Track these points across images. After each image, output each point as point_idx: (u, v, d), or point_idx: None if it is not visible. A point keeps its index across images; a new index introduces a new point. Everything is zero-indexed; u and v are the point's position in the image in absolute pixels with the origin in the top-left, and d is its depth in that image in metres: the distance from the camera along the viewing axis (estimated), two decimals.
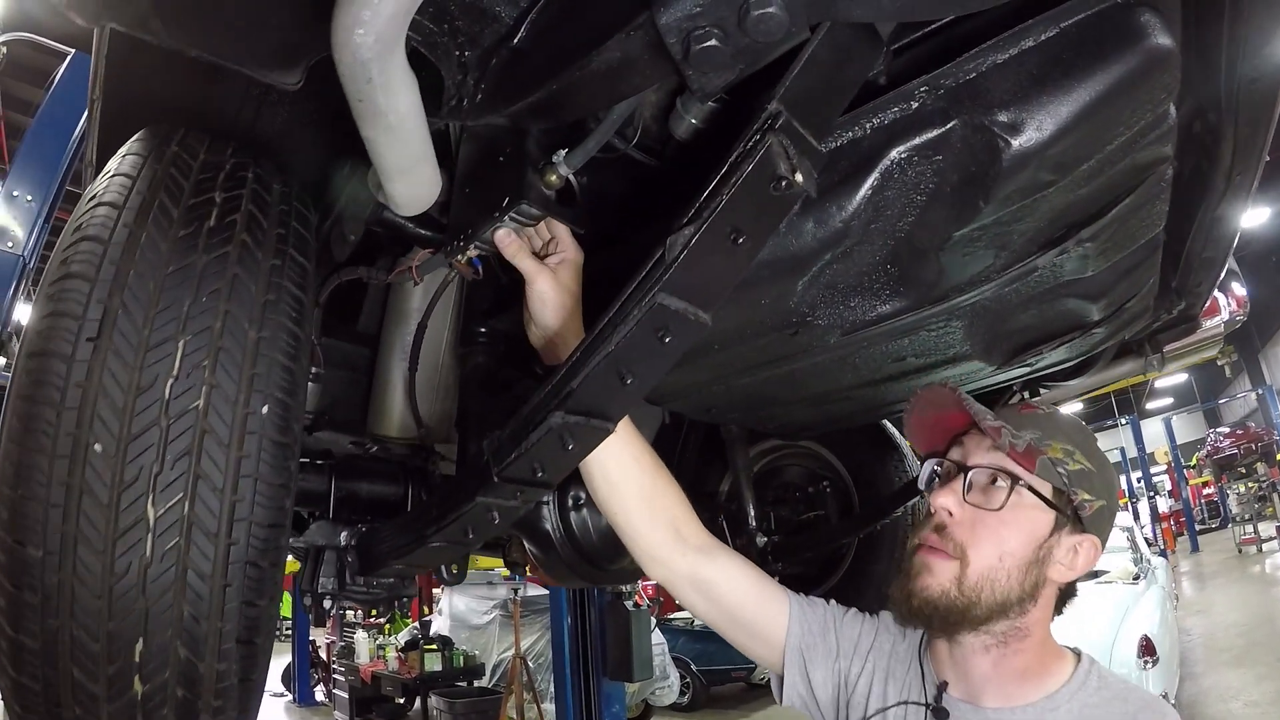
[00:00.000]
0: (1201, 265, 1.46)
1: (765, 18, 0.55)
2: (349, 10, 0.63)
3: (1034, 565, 0.99)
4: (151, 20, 0.74)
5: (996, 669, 1.03)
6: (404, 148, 0.82)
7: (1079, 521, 1.00)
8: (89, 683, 0.78)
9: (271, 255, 0.90)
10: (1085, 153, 0.87)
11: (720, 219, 0.69)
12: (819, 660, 1.14)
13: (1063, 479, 0.98)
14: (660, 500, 1.12)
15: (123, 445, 0.76)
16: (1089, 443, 1.04)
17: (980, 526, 1.00)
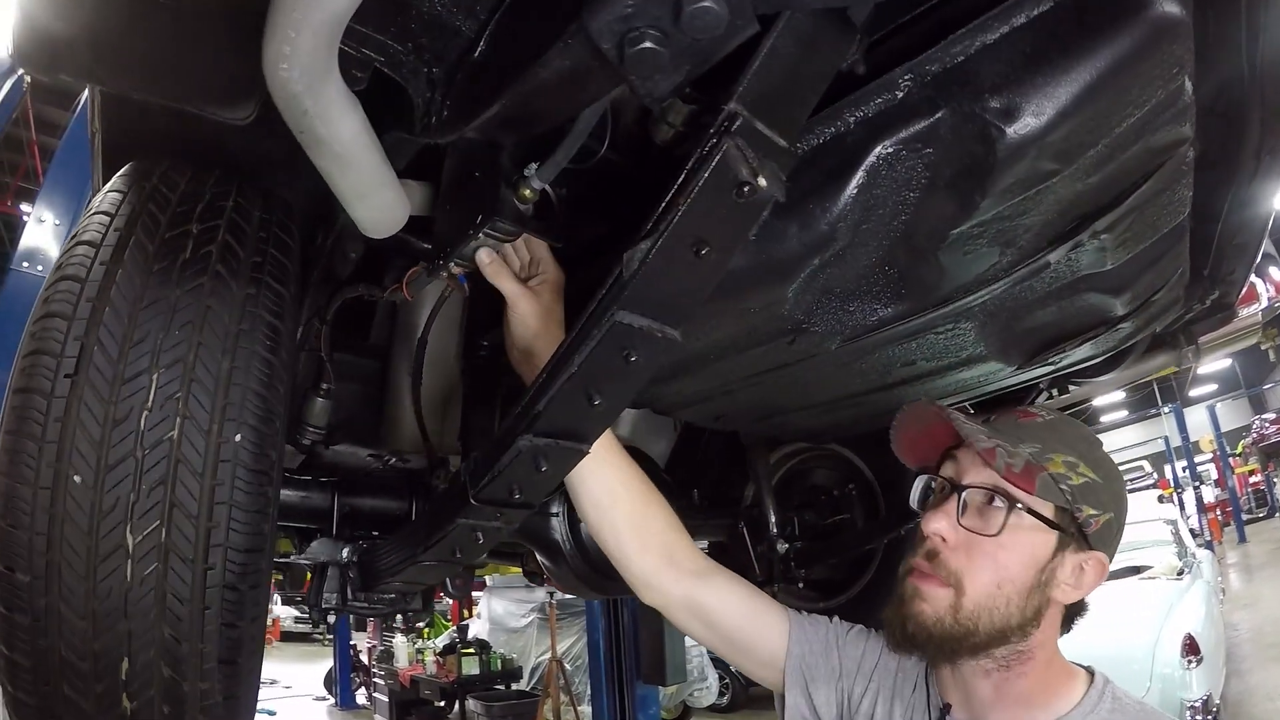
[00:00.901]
0: (1234, 251, 1.39)
1: (702, 12, 0.52)
2: (270, 46, 0.63)
3: (1035, 590, 0.94)
4: (96, 69, 0.77)
5: (999, 693, 0.98)
6: (355, 175, 0.81)
7: (1084, 539, 0.94)
8: (80, 700, 0.81)
9: (246, 285, 0.91)
10: (1091, 138, 0.80)
11: (679, 230, 0.66)
12: (821, 680, 1.11)
13: (1065, 496, 0.92)
14: (651, 525, 1.11)
15: (100, 475, 0.78)
16: (1094, 451, 0.97)
17: (977, 552, 0.94)
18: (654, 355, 0.73)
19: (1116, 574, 7.38)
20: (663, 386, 1.32)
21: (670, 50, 0.54)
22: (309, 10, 0.58)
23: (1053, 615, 0.97)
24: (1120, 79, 0.74)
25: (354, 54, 0.79)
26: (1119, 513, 0.96)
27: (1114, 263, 1.07)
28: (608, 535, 1.09)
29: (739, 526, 2.26)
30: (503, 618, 9.61)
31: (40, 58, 0.72)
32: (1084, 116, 0.76)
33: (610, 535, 1.09)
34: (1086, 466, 0.94)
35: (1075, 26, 0.73)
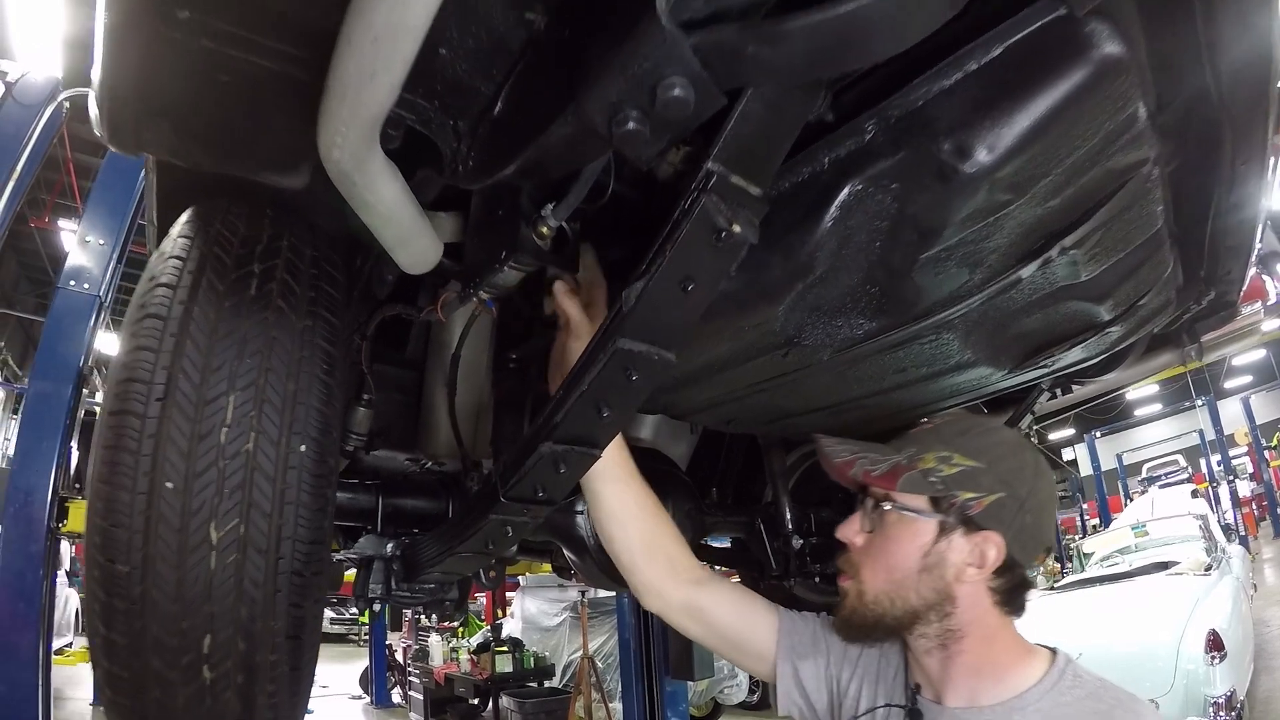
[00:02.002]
0: (1228, 253, 1.45)
1: (673, 100, 0.63)
2: (323, 136, 0.76)
3: (925, 573, 1.06)
4: (179, 149, 0.89)
5: (945, 669, 1.10)
6: (396, 228, 0.95)
7: (970, 521, 1.05)
8: (167, 671, 0.94)
9: (304, 317, 1.05)
10: (1042, 169, 0.88)
11: (668, 271, 0.78)
12: (810, 669, 1.24)
13: (935, 486, 1.04)
14: (658, 540, 1.25)
15: (189, 482, 0.92)
16: (976, 442, 1.09)
17: (871, 548, 1.10)
18: (652, 374, 0.86)
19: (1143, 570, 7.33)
20: (676, 395, 1.44)
21: (650, 126, 0.65)
22: (356, 110, 0.70)
23: (970, 594, 1.07)
24: (1065, 117, 0.81)
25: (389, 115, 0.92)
26: (1014, 490, 1.06)
27: (1088, 274, 1.14)
28: (621, 549, 1.24)
29: (756, 523, 2.37)
30: (536, 617, 9.76)
31: (128, 137, 0.85)
32: (1033, 152, 0.83)
33: (623, 549, 1.24)
34: (963, 456, 1.06)
35: (1021, 71, 0.80)
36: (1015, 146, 0.82)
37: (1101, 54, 0.78)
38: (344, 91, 0.69)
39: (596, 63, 0.66)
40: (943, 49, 0.83)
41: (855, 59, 0.64)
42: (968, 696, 1.08)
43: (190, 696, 0.96)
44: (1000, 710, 1.05)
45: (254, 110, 0.86)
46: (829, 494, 2.53)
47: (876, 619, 1.09)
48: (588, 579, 2.02)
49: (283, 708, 1.03)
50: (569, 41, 0.78)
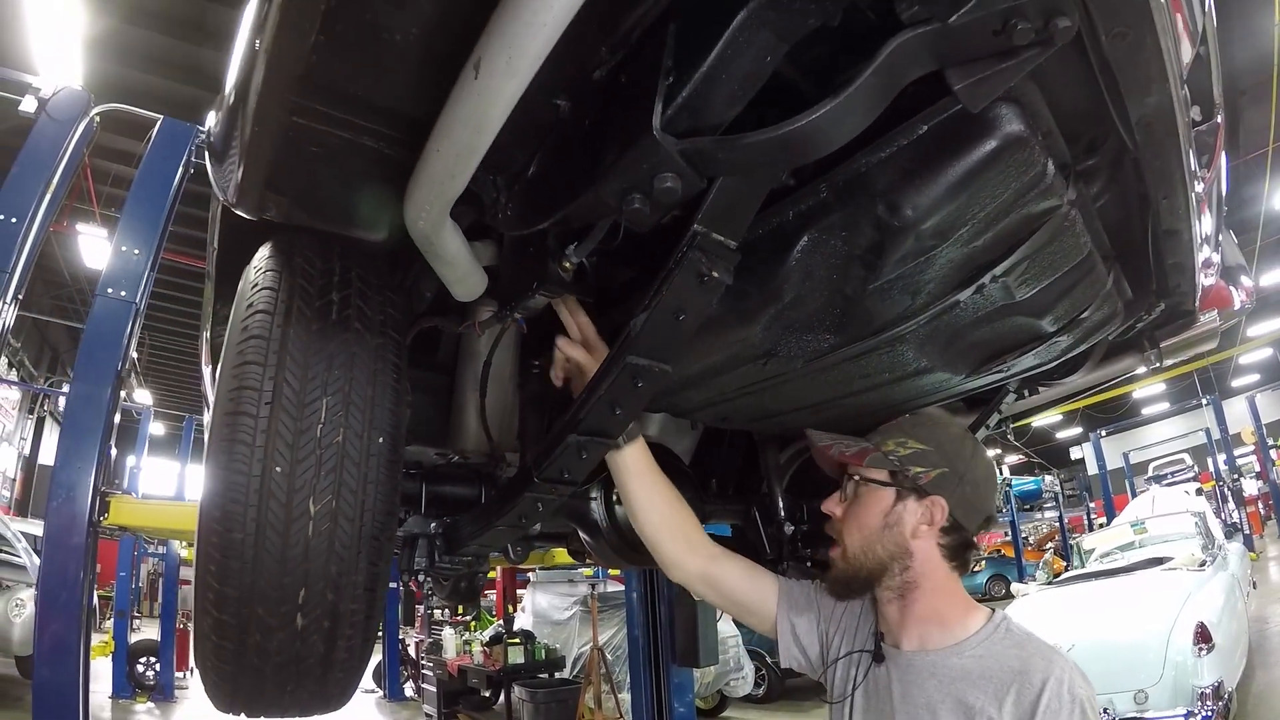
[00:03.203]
0: (1173, 270, 1.60)
1: (666, 189, 0.88)
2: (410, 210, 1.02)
3: (887, 530, 1.34)
4: (295, 213, 1.14)
5: (903, 615, 1.36)
6: (456, 271, 1.21)
7: (920, 489, 1.33)
8: (268, 618, 1.17)
9: (377, 335, 1.29)
10: (960, 220, 1.06)
11: (664, 305, 1.04)
12: (805, 625, 1.51)
13: (893, 462, 1.33)
14: (676, 520, 1.52)
15: (293, 466, 1.16)
16: (924, 432, 1.40)
17: (847, 516, 1.39)
18: (654, 382, 1.11)
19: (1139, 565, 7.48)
20: (677, 397, 1.69)
21: (649, 206, 0.91)
22: (438, 196, 0.97)
23: (924, 549, 1.34)
24: (974, 181, 0.99)
25: None
26: (954, 466, 1.35)
27: (1023, 295, 1.32)
28: (649, 532, 1.51)
29: (752, 512, 2.60)
30: (547, 610, 9.98)
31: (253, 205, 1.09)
32: (951, 208, 1.03)
33: (651, 532, 1.51)
34: (915, 441, 1.37)
35: (939, 146, 0.97)
36: (934, 204, 1.03)
37: (1004, 132, 0.97)
38: (430, 184, 0.95)
39: (610, 161, 0.91)
40: (881, 129, 1.01)
41: (799, 158, 0.88)
42: (919, 641, 1.34)
43: (284, 640, 1.19)
44: (943, 653, 1.30)
45: (353, 181, 1.11)
46: (820, 487, 2.75)
47: (855, 572, 1.36)
48: (601, 558, 2.25)
49: (356, 650, 1.27)
50: (588, 126, 1.03)
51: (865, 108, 0.84)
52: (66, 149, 5.60)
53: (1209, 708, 5.05)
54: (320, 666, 1.24)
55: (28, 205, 5.24)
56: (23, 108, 5.78)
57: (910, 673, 1.32)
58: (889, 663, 1.38)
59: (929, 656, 1.31)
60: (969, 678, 1.25)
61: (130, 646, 10.70)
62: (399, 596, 11.80)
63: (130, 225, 5.10)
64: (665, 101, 0.86)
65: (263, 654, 1.20)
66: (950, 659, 1.28)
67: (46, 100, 5.75)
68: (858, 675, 1.42)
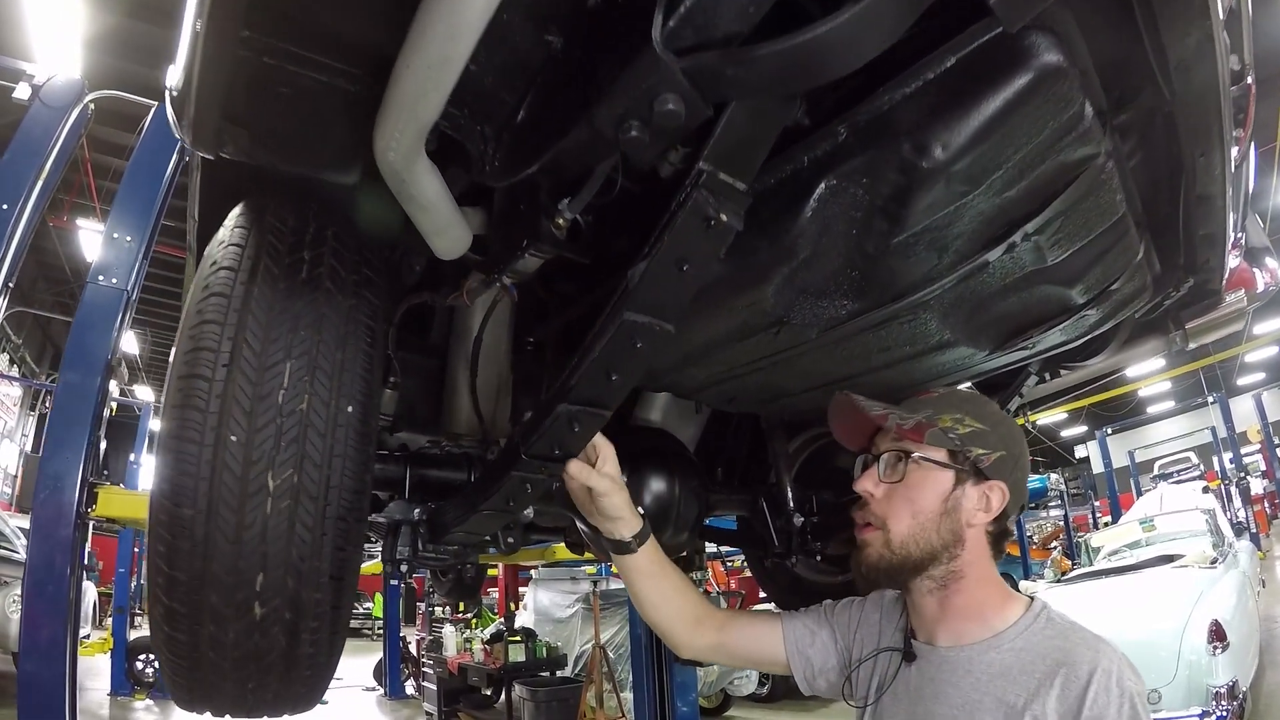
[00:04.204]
0: (1203, 242, 1.54)
1: (667, 113, 0.77)
2: (379, 141, 0.90)
3: (945, 516, 1.20)
4: (254, 151, 1.03)
5: (942, 608, 1.23)
6: (435, 218, 1.09)
7: (980, 472, 1.20)
8: (222, 606, 1.06)
9: (350, 297, 1.18)
10: (994, 163, 0.97)
11: (666, 254, 0.91)
12: (819, 656, 1.42)
13: (954, 441, 1.19)
14: (687, 610, 1.46)
15: (250, 436, 1.05)
16: (979, 408, 1.26)
17: (894, 497, 1.23)
18: (654, 343, 0.99)
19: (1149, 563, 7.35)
20: (681, 373, 1.57)
21: (649, 134, 0.80)
22: (409, 121, 0.85)
23: (975, 539, 1.21)
24: (1012, 117, 0.91)
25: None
26: (1011, 450, 1.22)
27: (1054, 259, 1.24)
28: (660, 622, 1.46)
29: (759, 503, 2.49)
30: (548, 608, 9.91)
31: (210, 140, 0.98)
32: (984, 148, 0.94)
33: (663, 625, 1.46)
34: (972, 419, 1.22)
35: (970, 79, 0.90)
36: (967, 144, 0.94)
37: (1041, 62, 0.88)
38: (400, 107, 0.83)
39: (605, 83, 0.79)
40: (903, 61, 0.93)
41: (817, 76, 0.76)
42: (955, 637, 1.21)
43: (241, 631, 1.08)
44: (979, 648, 1.18)
45: (316, 118, 1.00)
46: (832, 477, 2.65)
47: (902, 561, 1.21)
48: (599, 552, 2.14)
49: (322, 644, 1.16)
50: (581, 60, 0.91)
51: (894, 16, 0.73)
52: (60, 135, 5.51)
53: (1224, 708, 4.94)
54: (283, 662, 1.13)
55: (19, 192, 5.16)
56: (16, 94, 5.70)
57: (944, 670, 1.20)
58: (921, 660, 1.25)
59: (964, 652, 1.19)
60: (1008, 674, 1.13)
61: (129, 643, 10.62)
62: (400, 594, 11.87)
63: (123, 211, 4.99)
64: (666, 12, 0.75)
65: (218, 646, 1.09)
66: (987, 654, 1.17)
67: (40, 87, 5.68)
68: (885, 676, 1.30)
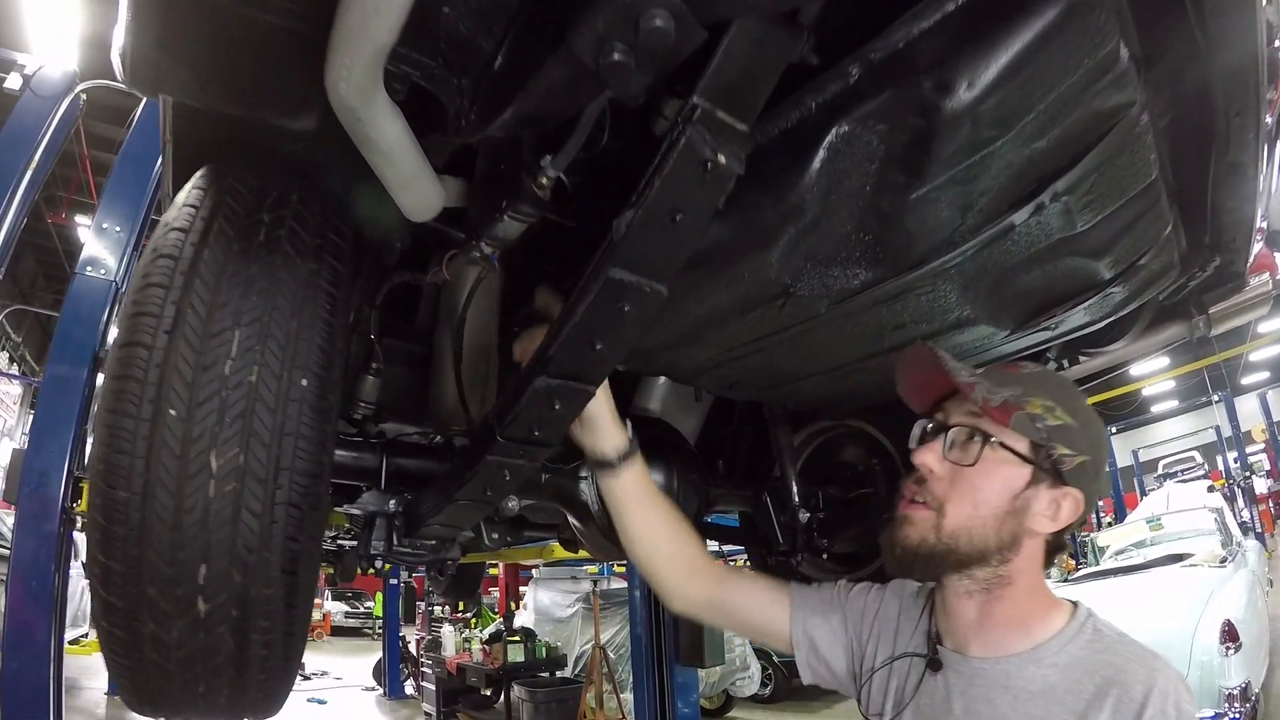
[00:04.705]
0: (1230, 218, 1.44)
1: (654, 31, 0.66)
2: (330, 71, 0.79)
3: (1010, 516, 1.04)
4: (194, 90, 0.93)
5: (981, 615, 1.08)
6: (399, 167, 0.97)
7: (1059, 475, 1.03)
8: (162, 601, 0.96)
9: (310, 261, 1.08)
10: (1024, 105, 0.88)
11: (657, 201, 0.80)
12: (824, 636, 1.27)
13: (1040, 433, 1.02)
14: (682, 551, 1.32)
15: (191, 410, 0.95)
16: (1073, 399, 1.07)
17: (959, 480, 1.06)
18: (644, 306, 0.87)
19: (1157, 562, 7.24)
20: (678, 353, 1.45)
21: (635, 60, 0.68)
22: (361, 44, 0.74)
23: (1032, 547, 1.06)
24: (1041, 52, 0.81)
25: (395, 71, 0.94)
26: (1095, 456, 1.05)
27: (1084, 225, 1.13)
28: (650, 567, 1.32)
29: (763, 498, 2.38)
30: (549, 608, 9.80)
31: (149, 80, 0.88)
32: (1012, 86, 0.84)
33: (652, 567, 1.32)
34: (1063, 411, 1.04)
35: (997, 9, 0.81)
36: (996, 80, 0.83)
37: None
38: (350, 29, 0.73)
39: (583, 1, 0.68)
40: None
41: None
42: (992, 648, 1.07)
43: (185, 629, 0.98)
44: (1017, 661, 1.04)
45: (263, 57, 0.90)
46: (838, 471, 2.54)
47: (946, 553, 1.05)
48: (593, 549, 2.03)
49: (276, 646, 1.05)
50: None
51: None
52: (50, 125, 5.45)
53: (1237, 709, 4.83)
54: (233, 665, 1.03)
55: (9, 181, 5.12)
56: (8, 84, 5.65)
57: (977, 685, 1.06)
58: (948, 671, 1.10)
59: (1001, 665, 1.05)
60: (1052, 692, 0.99)
61: None
62: (399, 593, 11.80)
63: (112, 202, 4.94)
64: None
65: (161, 647, 0.99)
66: (1027, 668, 1.03)
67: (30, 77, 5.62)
68: (905, 686, 1.14)
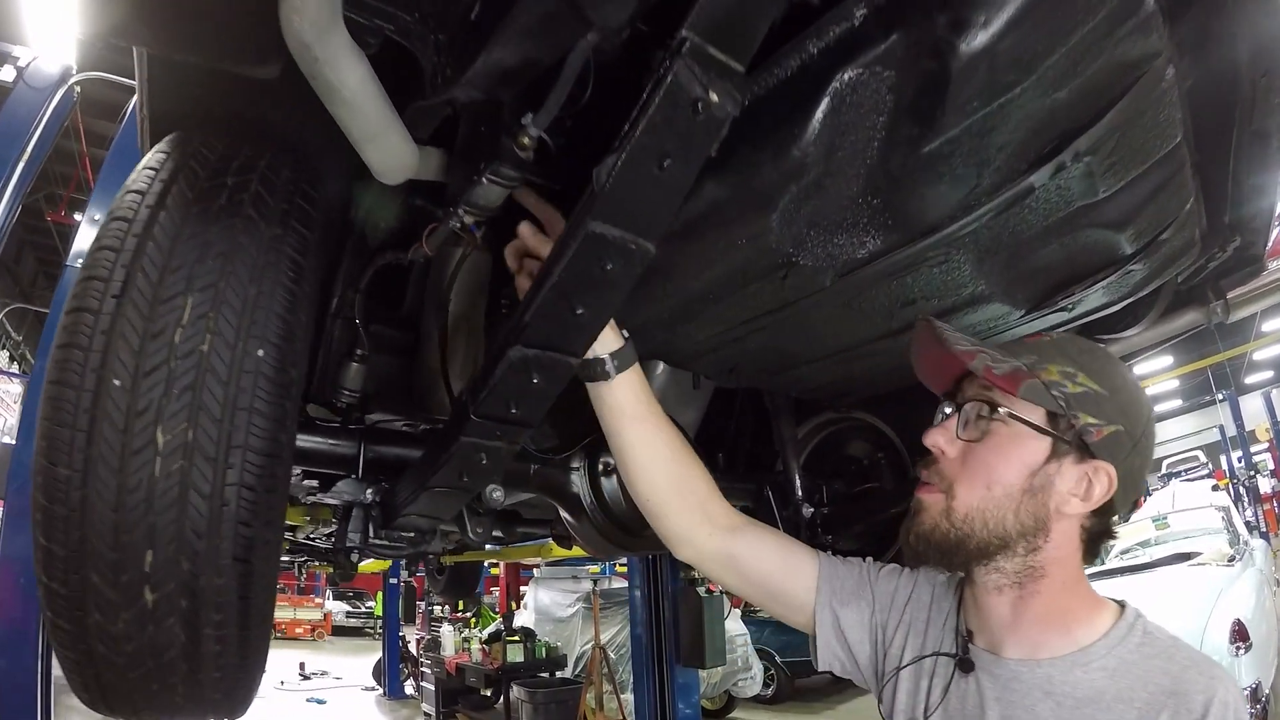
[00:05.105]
0: (1252, 193, 1.37)
1: None
2: (284, 5, 0.73)
3: (1029, 495, 0.94)
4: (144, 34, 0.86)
5: (1014, 613, 0.99)
6: (363, 118, 0.90)
7: (1085, 448, 0.94)
8: (107, 589, 0.89)
9: (274, 226, 1.01)
10: (1045, 45, 0.81)
11: (642, 146, 0.71)
12: (852, 617, 1.14)
13: (1058, 402, 0.93)
14: (688, 484, 1.15)
15: (137, 380, 0.88)
16: (1100, 365, 0.97)
17: (971, 459, 0.98)
18: (629, 264, 0.79)
19: (1164, 561, 7.17)
20: (673, 332, 1.37)
21: None
22: None
23: (1064, 532, 0.96)
24: None
25: (365, 24, 0.88)
26: (1131, 426, 0.95)
27: (1106, 190, 1.06)
28: (647, 493, 1.15)
29: (765, 491, 2.30)
30: (549, 607, 9.78)
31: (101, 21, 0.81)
32: (1033, 23, 0.77)
33: (650, 493, 1.14)
34: (1087, 377, 0.94)
35: None
36: (1015, 16, 0.76)
37: None
38: None
39: None
40: None
41: None
42: (1029, 648, 0.98)
43: (132, 620, 0.91)
44: (1060, 664, 0.94)
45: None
46: (843, 465, 2.47)
47: (961, 540, 0.96)
48: (586, 544, 1.95)
49: (231, 642, 0.97)
50: None
51: None
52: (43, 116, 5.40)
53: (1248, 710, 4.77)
54: (185, 661, 0.95)
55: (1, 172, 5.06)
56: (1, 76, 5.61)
57: (1014, 690, 0.97)
58: (981, 673, 1.00)
59: (1042, 669, 0.96)
60: (1100, 699, 0.90)
61: None
62: (399, 592, 11.77)
63: (104, 194, 4.84)
64: None
65: (108, 639, 0.91)
66: (1072, 673, 0.94)
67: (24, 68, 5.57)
68: (934, 689, 1.04)
